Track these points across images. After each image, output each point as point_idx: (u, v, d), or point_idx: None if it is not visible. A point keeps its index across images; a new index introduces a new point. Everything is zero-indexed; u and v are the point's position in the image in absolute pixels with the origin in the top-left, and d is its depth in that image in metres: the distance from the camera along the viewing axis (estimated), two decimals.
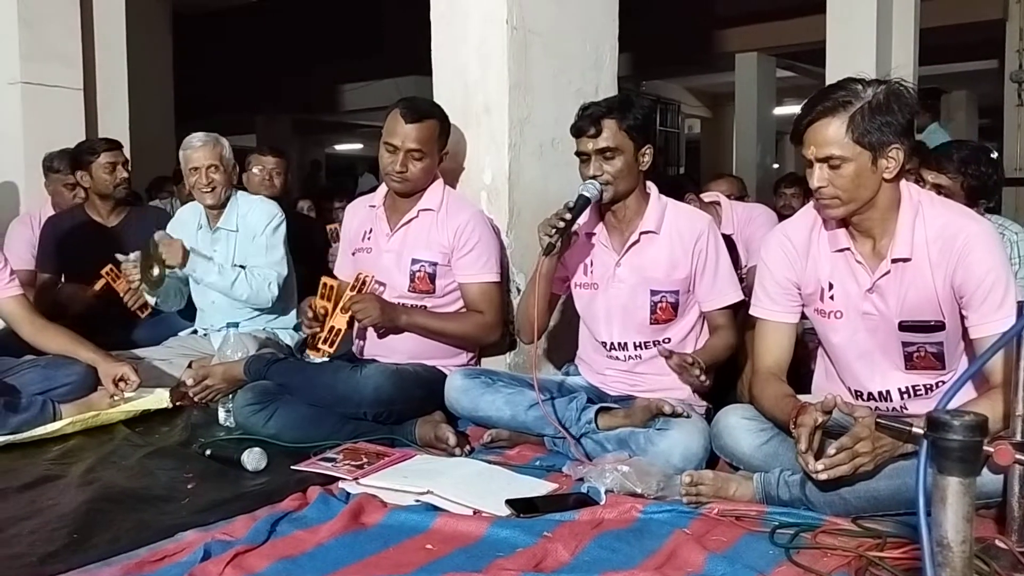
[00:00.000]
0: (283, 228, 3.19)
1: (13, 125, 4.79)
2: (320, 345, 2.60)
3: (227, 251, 3.17)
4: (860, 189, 1.88)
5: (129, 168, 3.68)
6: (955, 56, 10.07)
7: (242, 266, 3.13)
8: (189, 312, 3.37)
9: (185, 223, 3.29)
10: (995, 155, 2.82)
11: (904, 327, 1.95)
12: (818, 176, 1.89)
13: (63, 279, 3.61)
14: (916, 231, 1.91)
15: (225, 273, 3.07)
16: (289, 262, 3.24)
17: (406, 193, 2.68)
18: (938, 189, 2.56)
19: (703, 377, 2.20)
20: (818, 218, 2.06)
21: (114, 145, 3.71)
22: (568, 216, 2.25)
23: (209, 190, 3.13)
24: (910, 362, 1.98)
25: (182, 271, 3.03)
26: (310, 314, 2.61)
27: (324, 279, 2.67)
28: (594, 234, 2.46)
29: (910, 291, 1.92)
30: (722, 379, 2.47)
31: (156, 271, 3.00)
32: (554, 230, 2.24)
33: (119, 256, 3.12)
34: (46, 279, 3.61)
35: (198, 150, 3.15)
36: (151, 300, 3.22)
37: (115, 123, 5.13)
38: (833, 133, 1.85)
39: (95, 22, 5.17)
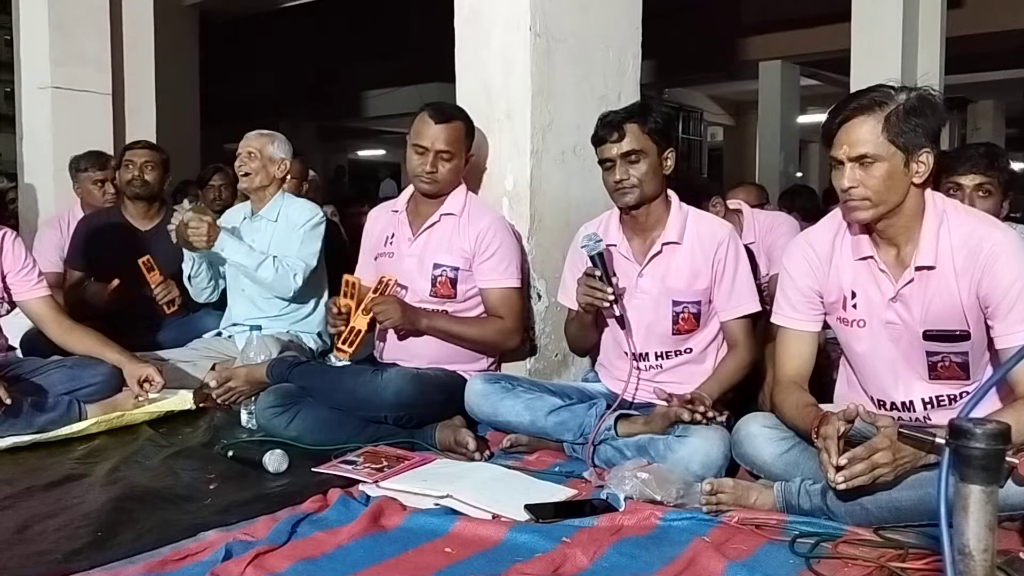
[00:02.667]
0: (322, 228, 3.24)
1: (43, 129, 4.87)
2: (340, 345, 2.62)
3: (264, 240, 3.22)
4: (890, 192, 1.86)
5: (156, 170, 3.67)
6: (982, 65, 9.98)
7: (275, 256, 3.17)
8: (219, 304, 3.42)
9: (233, 218, 3.37)
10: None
11: (928, 336, 1.93)
12: (848, 176, 1.86)
13: (91, 278, 3.65)
14: (941, 239, 1.89)
15: (252, 254, 3.11)
16: (323, 267, 3.30)
17: (434, 194, 2.70)
18: (981, 188, 2.55)
19: (710, 414, 2.19)
20: (842, 225, 2.04)
21: (146, 146, 3.76)
22: (604, 286, 2.28)
23: (243, 174, 3.25)
24: (934, 372, 1.96)
25: (215, 248, 3.07)
26: (334, 310, 2.64)
27: (345, 276, 2.70)
28: (614, 244, 2.46)
29: (934, 300, 1.90)
30: (743, 388, 2.46)
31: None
32: (607, 303, 2.28)
33: (175, 207, 3.18)
34: (76, 277, 3.65)
35: (248, 139, 3.29)
36: (187, 270, 3.26)
37: (142, 127, 5.20)
38: (868, 131, 1.83)
39: (124, 28, 5.25)
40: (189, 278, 3.28)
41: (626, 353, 2.41)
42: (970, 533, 1.08)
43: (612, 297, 2.27)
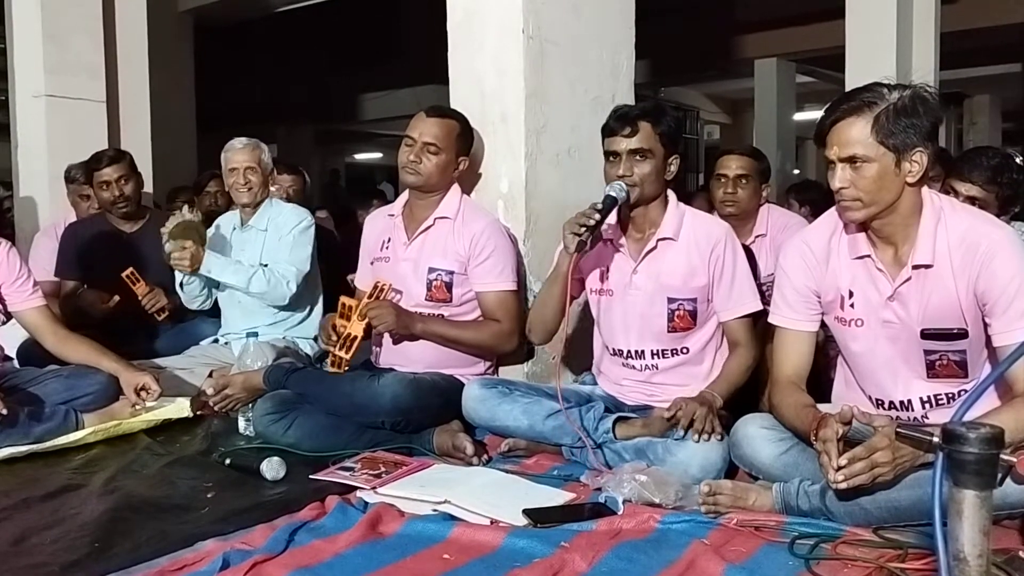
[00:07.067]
0: (311, 231, 3.25)
1: (37, 137, 4.86)
2: (336, 351, 2.61)
3: (255, 250, 3.23)
4: (882, 191, 1.86)
5: (131, 181, 3.65)
6: (977, 60, 9.97)
7: (265, 265, 3.16)
8: (215, 311, 3.40)
9: (223, 229, 3.37)
10: (1020, 160, 2.78)
11: (926, 335, 1.92)
12: (840, 177, 1.87)
13: (85, 286, 3.65)
14: (938, 238, 1.88)
15: (241, 270, 3.11)
16: (317, 270, 3.30)
17: (419, 187, 2.70)
18: (972, 201, 2.52)
19: (716, 430, 2.18)
20: (839, 224, 2.03)
21: (111, 161, 3.65)
22: (597, 217, 2.23)
23: (245, 190, 3.24)
24: (932, 370, 1.95)
25: (201, 271, 3.06)
26: (329, 330, 2.64)
27: (343, 299, 2.70)
28: (611, 239, 2.45)
29: (932, 298, 1.90)
30: (742, 388, 2.45)
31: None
32: (584, 229, 2.21)
33: (173, 213, 3.16)
34: (71, 286, 3.65)
35: (238, 152, 3.26)
36: (179, 277, 3.21)
37: (137, 135, 5.19)
38: (857, 133, 1.83)
39: (118, 35, 5.24)
40: (181, 285, 3.25)
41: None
42: (964, 538, 1.07)
43: (592, 223, 2.21)
